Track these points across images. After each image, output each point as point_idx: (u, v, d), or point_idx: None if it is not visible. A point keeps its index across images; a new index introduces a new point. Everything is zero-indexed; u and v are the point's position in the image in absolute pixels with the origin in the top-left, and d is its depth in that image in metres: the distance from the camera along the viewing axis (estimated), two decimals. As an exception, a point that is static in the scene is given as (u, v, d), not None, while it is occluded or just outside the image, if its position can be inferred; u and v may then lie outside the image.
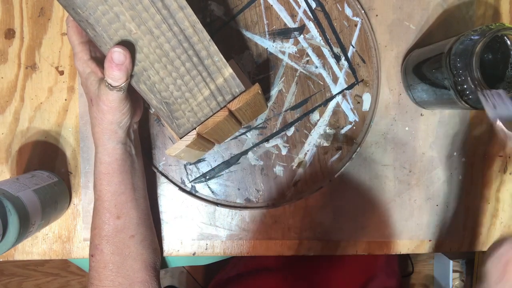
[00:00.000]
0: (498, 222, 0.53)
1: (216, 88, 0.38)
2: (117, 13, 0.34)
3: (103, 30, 0.34)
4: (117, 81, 0.35)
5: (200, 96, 0.39)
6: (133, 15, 0.34)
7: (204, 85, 0.38)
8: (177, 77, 0.37)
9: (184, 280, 1.38)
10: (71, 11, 0.34)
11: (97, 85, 0.38)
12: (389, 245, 0.53)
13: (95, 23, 0.34)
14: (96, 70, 0.39)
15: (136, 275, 0.43)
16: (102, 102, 0.37)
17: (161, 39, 0.35)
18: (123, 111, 0.38)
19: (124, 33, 0.35)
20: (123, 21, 0.34)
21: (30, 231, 0.42)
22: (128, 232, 0.43)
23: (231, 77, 0.38)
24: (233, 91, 0.39)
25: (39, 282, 1.38)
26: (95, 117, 0.39)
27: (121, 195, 0.42)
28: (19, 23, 0.50)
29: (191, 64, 0.37)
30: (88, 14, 0.34)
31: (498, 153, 0.53)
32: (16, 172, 0.51)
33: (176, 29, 0.35)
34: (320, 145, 0.51)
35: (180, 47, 0.36)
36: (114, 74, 0.34)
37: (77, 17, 0.34)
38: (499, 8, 0.52)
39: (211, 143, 0.45)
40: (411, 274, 1.38)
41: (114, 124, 0.39)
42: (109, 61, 0.34)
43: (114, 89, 0.36)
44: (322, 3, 0.50)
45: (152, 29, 0.35)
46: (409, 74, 0.48)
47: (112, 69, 0.34)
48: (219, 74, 0.38)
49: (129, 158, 0.42)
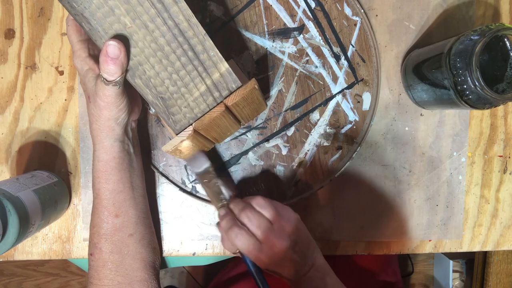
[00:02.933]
0: (498, 222, 0.53)
1: (212, 83, 0.38)
2: (112, 6, 0.34)
3: (98, 24, 0.35)
4: (112, 75, 0.35)
5: (196, 92, 0.39)
6: (128, 9, 0.34)
7: (200, 80, 0.38)
8: (173, 71, 0.37)
9: (184, 280, 1.38)
10: (67, 5, 0.34)
11: (94, 81, 0.38)
12: (389, 245, 0.52)
13: (90, 16, 0.34)
14: (94, 67, 0.39)
15: (135, 274, 0.43)
16: (98, 98, 0.37)
17: (156, 33, 0.36)
18: (119, 106, 0.38)
19: (119, 27, 0.35)
20: (118, 15, 0.34)
21: (30, 231, 0.42)
22: (127, 230, 0.43)
23: (227, 72, 0.38)
24: (229, 86, 0.39)
25: (39, 282, 1.38)
26: (92, 114, 0.39)
27: (120, 193, 0.42)
28: (19, 23, 0.50)
29: (186, 59, 0.37)
30: (83, 8, 0.34)
31: (498, 153, 0.53)
32: (16, 172, 0.51)
33: (171, 23, 0.35)
34: (320, 145, 0.51)
35: (175, 41, 0.36)
36: (109, 68, 0.35)
37: (73, 11, 0.34)
38: (499, 8, 0.52)
39: (210, 142, 0.45)
40: (411, 274, 1.38)
41: (111, 120, 0.39)
42: (104, 55, 0.34)
43: (109, 84, 0.36)
44: (321, 3, 0.50)
45: (146, 23, 0.35)
46: (409, 74, 0.48)
47: (107, 63, 0.34)
48: (215, 69, 0.38)
49: (127, 156, 0.42)
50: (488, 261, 1.06)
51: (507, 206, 0.53)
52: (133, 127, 0.44)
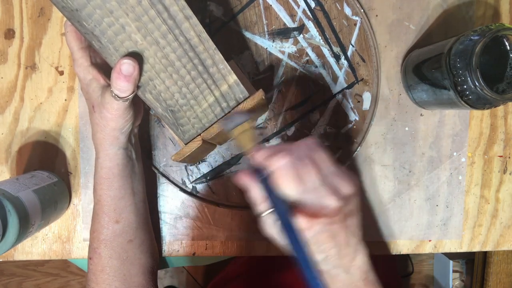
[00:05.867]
0: (498, 222, 0.53)
1: (221, 95, 0.39)
2: (123, 24, 0.34)
3: (109, 42, 0.34)
4: (125, 92, 0.35)
5: (205, 103, 0.39)
6: (139, 26, 0.34)
7: (209, 92, 0.38)
8: (183, 85, 0.37)
9: (184, 280, 1.38)
10: (76, 24, 0.33)
11: (99, 92, 0.38)
12: (389, 245, 0.52)
13: (101, 35, 0.34)
14: (97, 76, 0.39)
15: (133, 279, 0.43)
16: (106, 110, 0.37)
17: (167, 49, 0.35)
18: (126, 118, 0.38)
19: (130, 44, 0.35)
20: (129, 32, 0.34)
21: (30, 231, 0.42)
22: (127, 236, 0.43)
23: (235, 84, 0.38)
24: (237, 97, 0.39)
25: (39, 282, 1.38)
26: (97, 123, 0.39)
27: (121, 199, 0.42)
28: (19, 23, 0.50)
29: (196, 73, 0.37)
30: (94, 26, 0.33)
31: (498, 153, 0.53)
32: (16, 172, 0.51)
33: (182, 39, 0.35)
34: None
35: (186, 57, 0.36)
36: (122, 85, 0.34)
37: (83, 30, 0.34)
38: (499, 8, 0.52)
39: (213, 145, 0.45)
40: (411, 274, 1.38)
41: (117, 130, 0.39)
42: (117, 72, 0.34)
43: (120, 100, 0.36)
44: (321, 3, 0.50)
45: (158, 40, 0.35)
46: (409, 74, 0.48)
47: (120, 80, 0.34)
48: (223, 81, 0.38)
49: (129, 162, 0.42)
50: (488, 261, 1.06)
51: (507, 206, 0.53)
52: (135, 132, 0.44)
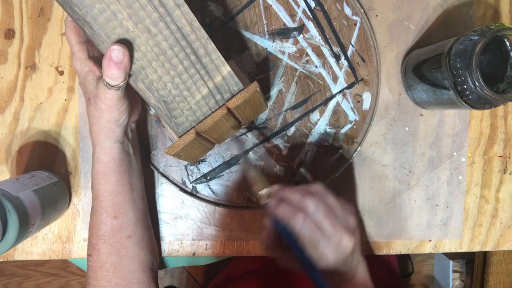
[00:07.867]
0: (498, 222, 0.53)
1: (215, 87, 0.38)
2: (114, 11, 0.34)
3: (101, 29, 0.34)
4: (116, 80, 0.35)
5: (199, 95, 0.38)
6: (130, 13, 0.34)
7: (202, 84, 0.38)
8: (175, 75, 0.37)
9: (184, 280, 1.38)
10: (68, 10, 0.34)
11: (95, 83, 0.38)
12: (389, 245, 0.52)
13: (92, 21, 0.34)
14: (94, 69, 0.39)
15: (133, 275, 0.43)
16: (100, 101, 0.37)
17: (158, 37, 0.36)
18: (121, 109, 0.38)
19: (122, 32, 0.35)
20: (120, 20, 0.34)
21: (30, 231, 0.42)
22: (125, 232, 0.43)
23: (229, 75, 0.38)
24: (231, 89, 0.39)
25: (39, 282, 1.38)
26: (93, 116, 0.39)
27: (119, 195, 0.42)
28: (19, 23, 0.50)
29: (188, 63, 0.37)
30: (85, 13, 0.34)
31: (498, 153, 0.53)
32: (16, 172, 0.51)
33: (173, 27, 0.35)
34: (320, 145, 0.51)
35: (178, 45, 0.36)
36: (113, 73, 0.34)
37: (74, 16, 0.34)
38: (499, 8, 0.52)
39: (211, 143, 0.45)
40: (411, 274, 1.38)
41: (112, 122, 0.39)
42: (108, 59, 0.34)
43: (112, 88, 0.36)
44: (321, 3, 0.50)
45: (149, 27, 0.35)
46: (409, 74, 0.48)
47: (111, 67, 0.34)
48: (217, 73, 0.38)
49: (126, 157, 0.42)
50: (488, 261, 1.06)
51: (507, 206, 0.53)
52: (133, 128, 0.44)
